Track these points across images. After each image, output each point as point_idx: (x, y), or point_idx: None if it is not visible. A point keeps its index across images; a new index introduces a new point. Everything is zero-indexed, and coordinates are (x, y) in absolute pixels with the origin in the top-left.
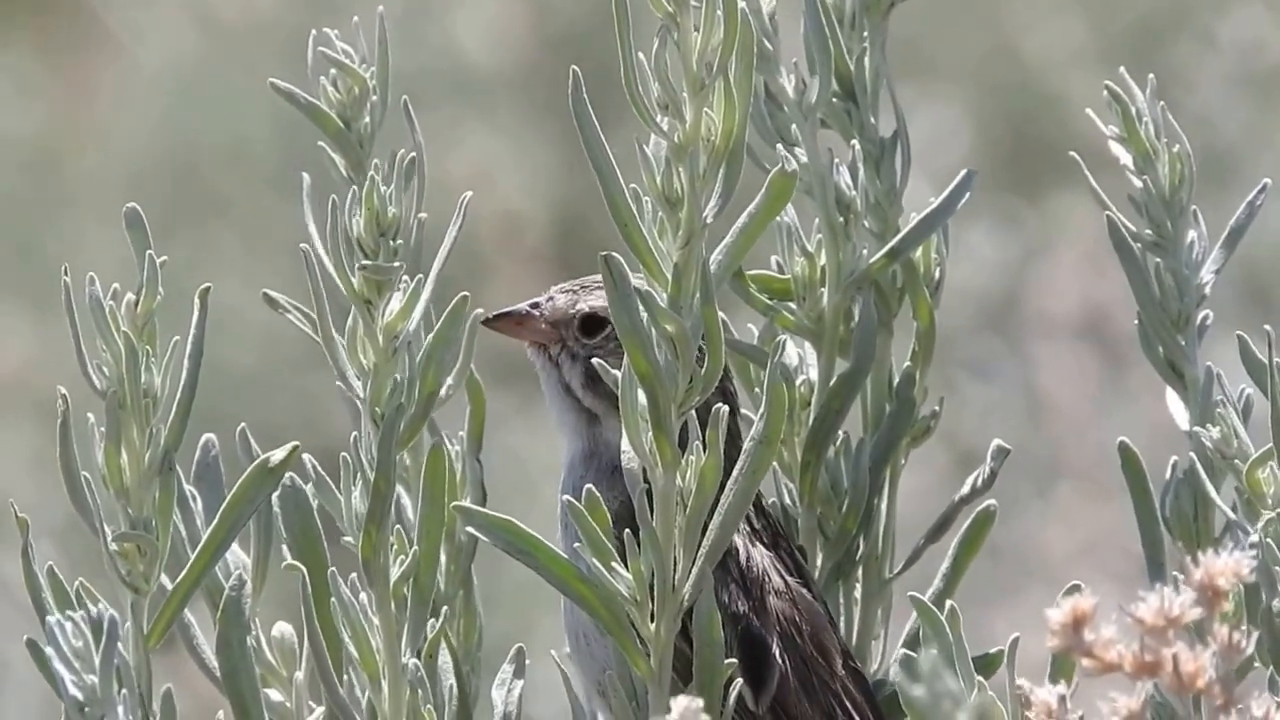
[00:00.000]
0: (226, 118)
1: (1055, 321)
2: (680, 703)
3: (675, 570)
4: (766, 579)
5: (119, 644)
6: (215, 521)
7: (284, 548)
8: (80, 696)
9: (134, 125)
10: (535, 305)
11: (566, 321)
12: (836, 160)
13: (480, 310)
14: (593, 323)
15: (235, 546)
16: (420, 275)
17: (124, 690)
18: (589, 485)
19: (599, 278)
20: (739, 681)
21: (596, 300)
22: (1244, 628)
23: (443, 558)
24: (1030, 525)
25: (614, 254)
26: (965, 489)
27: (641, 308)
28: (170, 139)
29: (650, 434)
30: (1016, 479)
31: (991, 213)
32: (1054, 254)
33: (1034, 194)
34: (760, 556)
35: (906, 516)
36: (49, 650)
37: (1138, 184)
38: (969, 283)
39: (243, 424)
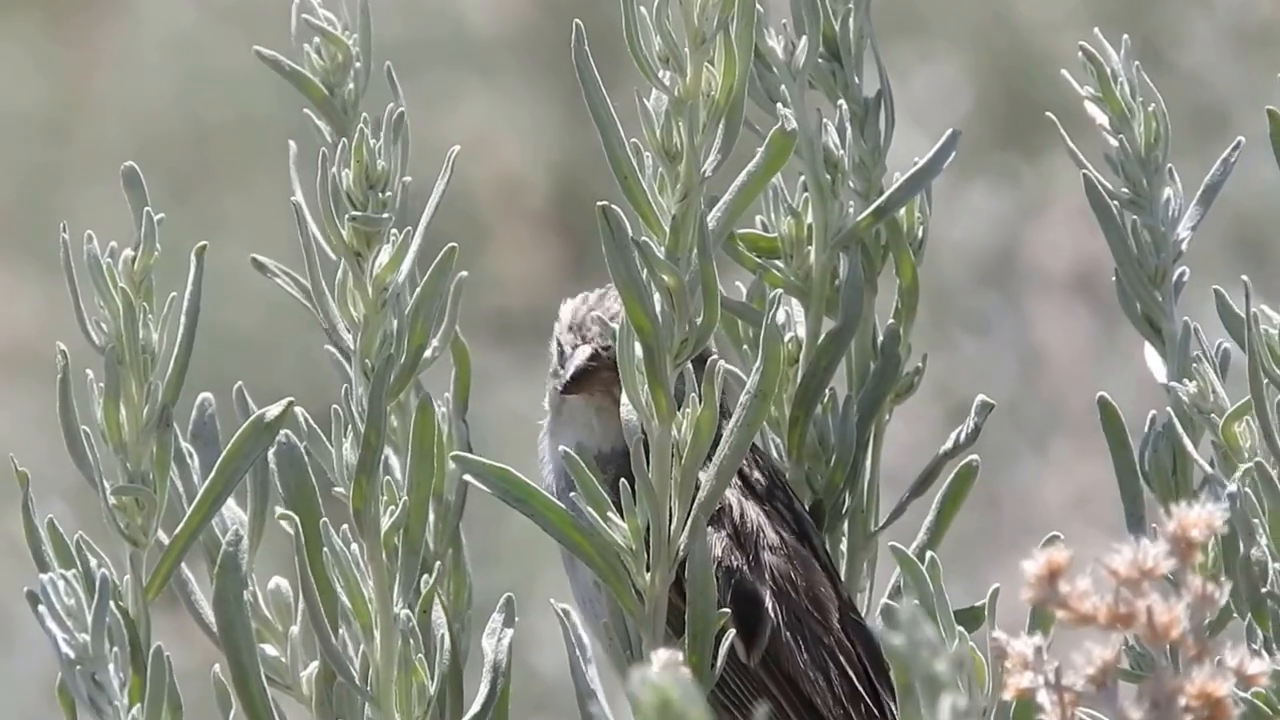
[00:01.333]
0: (233, 86)
1: (1051, 277)
2: (662, 654)
3: (670, 521)
4: (761, 535)
5: (112, 601)
6: (212, 475)
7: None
8: (72, 654)
9: (142, 94)
10: (596, 356)
11: None
12: (825, 120)
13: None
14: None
15: (232, 503)
16: (409, 228)
17: (115, 648)
18: (579, 441)
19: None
20: (731, 632)
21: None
22: (1220, 579)
23: (431, 515)
24: (1026, 479)
25: (612, 205)
26: (949, 444)
27: (639, 260)
28: (178, 107)
29: (646, 386)
30: (1013, 433)
31: (989, 170)
32: (1050, 211)
33: (1031, 152)
34: (755, 513)
35: (901, 469)
36: (42, 608)
37: (1114, 143)
38: (967, 239)
39: (239, 383)
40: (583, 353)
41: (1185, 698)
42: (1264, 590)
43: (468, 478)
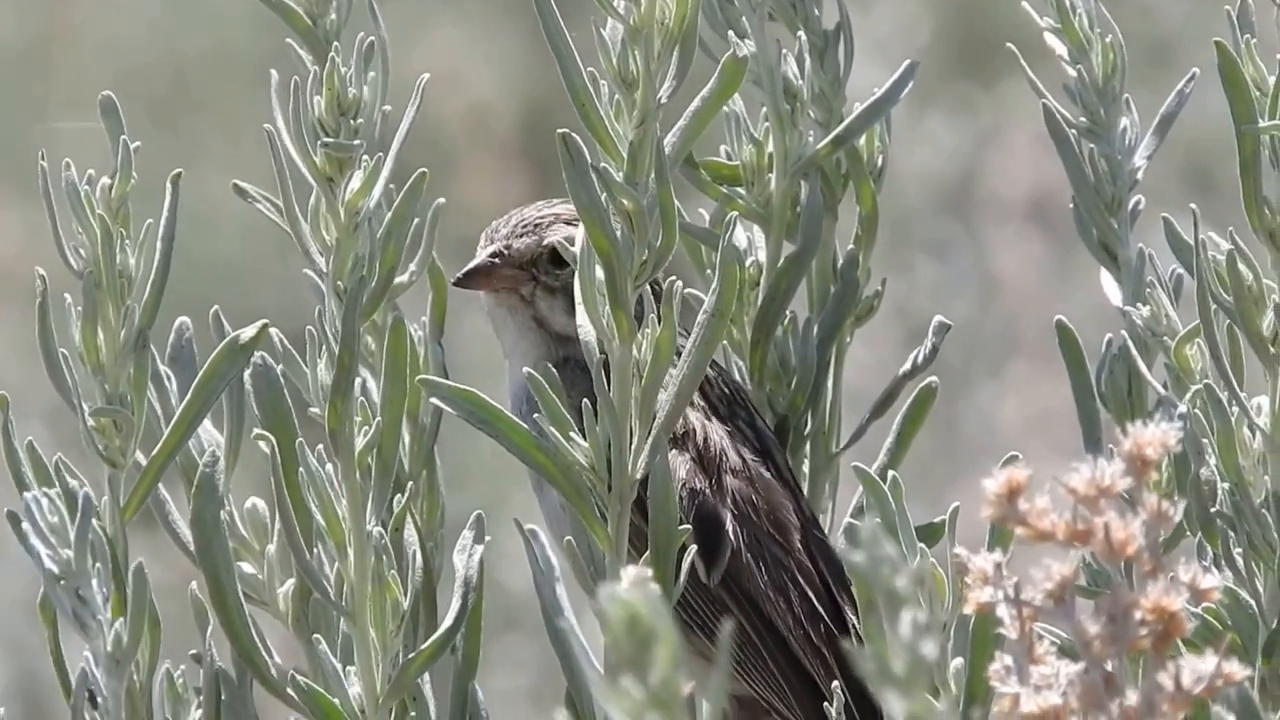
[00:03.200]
0: (208, 17)
1: (1007, 205)
2: (631, 571)
3: (632, 440)
4: (724, 458)
5: (93, 520)
6: (188, 396)
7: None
8: (56, 570)
9: (121, 27)
10: (497, 255)
11: (534, 259)
12: (785, 51)
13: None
14: (560, 255)
15: (208, 424)
16: (380, 154)
17: (98, 564)
18: (544, 365)
19: (547, 212)
20: (693, 549)
21: (562, 232)
22: (1175, 498)
23: (406, 437)
24: (984, 401)
25: (571, 133)
26: (908, 365)
27: (599, 185)
28: (155, 39)
29: (607, 308)
30: (971, 357)
31: (948, 99)
32: (1007, 139)
33: (987, 82)
34: (718, 435)
35: (862, 392)
36: (26, 526)
37: (1072, 74)
38: (926, 167)
39: (215, 306)
40: (484, 252)
41: (1140, 612)
42: (1213, 509)
43: (434, 400)
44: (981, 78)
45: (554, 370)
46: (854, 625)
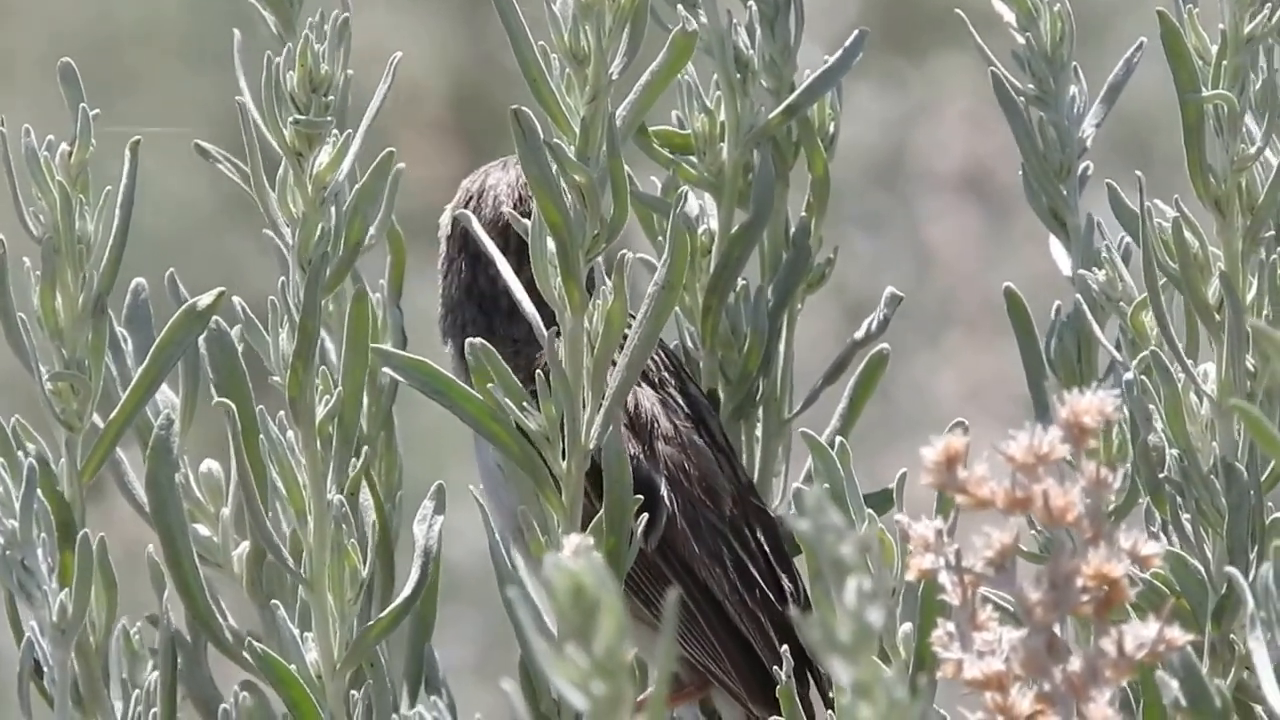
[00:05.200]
0: None
1: (939, 177)
2: (573, 539)
3: (584, 410)
4: (655, 424)
5: (38, 490)
6: (146, 362)
7: (212, 389)
8: (1, 540)
9: (52, 2)
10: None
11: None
12: (735, 21)
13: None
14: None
15: (165, 388)
16: (350, 130)
17: (43, 534)
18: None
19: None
20: (645, 518)
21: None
22: (1125, 464)
23: (365, 399)
24: (920, 372)
25: (523, 108)
26: (860, 333)
27: (551, 160)
28: (83, 15)
29: (559, 280)
30: (906, 328)
31: (877, 73)
32: (937, 112)
33: (916, 56)
34: (649, 402)
35: (801, 363)
36: None
37: (1020, 41)
38: (857, 140)
39: (171, 269)
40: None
41: (1082, 578)
42: (1161, 475)
43: (387, 370)
44: (910, 52)
45: (487, 344)
46: (791, 592)
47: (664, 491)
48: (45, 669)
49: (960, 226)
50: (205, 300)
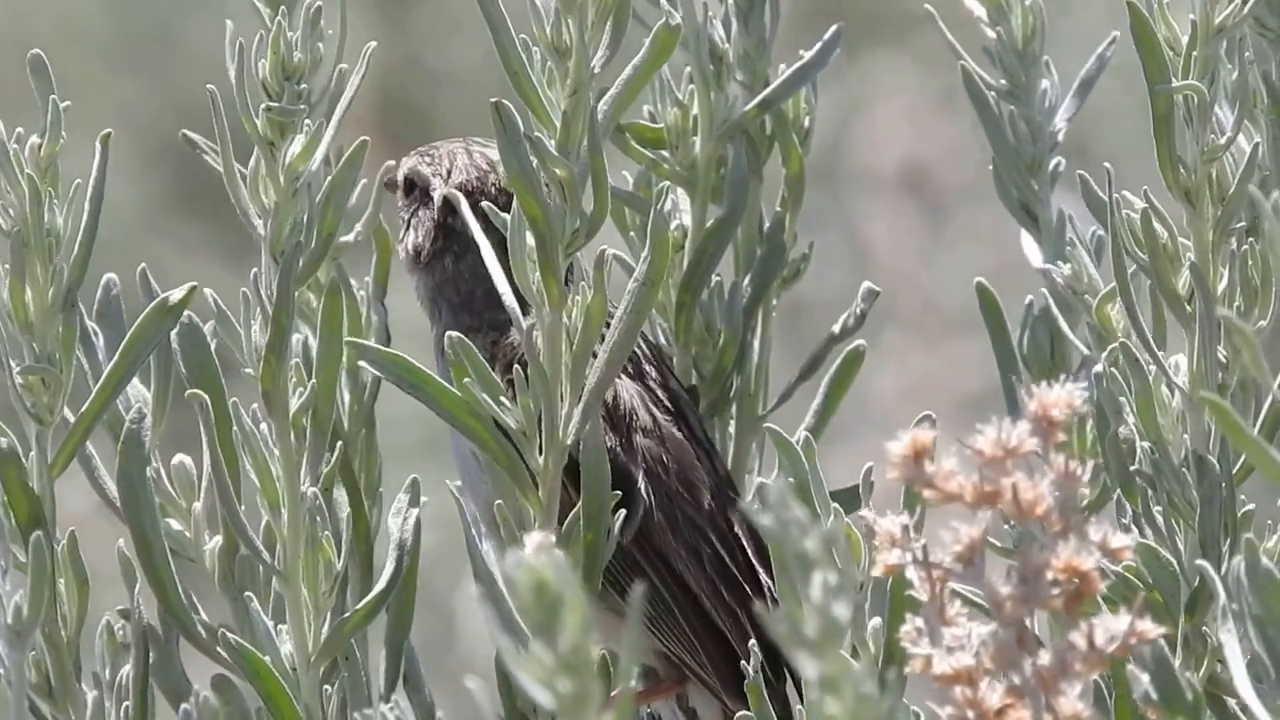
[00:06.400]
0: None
1: (877, 175)
2: (535, 536)
3: (562, 406)
4: (634, 416)
5: None
6: (117, 356)
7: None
8: None
9: None
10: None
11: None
12: (711, 15)
13: (392, 163)
14: (407, 184)
15: (136, 382)
16: (322, 120)
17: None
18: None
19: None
20: (622, 513)
21: (409, 163)
22: (1096, 458)
23: (347, 396)
24: (861, 371)
25: (504, 101)
26: (836, 328)
27: (531, 154)
28: (5, 18)
29: (538, 274)
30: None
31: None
32: (872, 111)
33: (851, 53)
34: (628, 394)
35: None
36: None
37: (991, 35)
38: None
39: (143, 264)
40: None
41: (1052, 572)
42: (1132, 468)
43: (364, 364)
44: (845, 50)
45: (465, 339)
46: (769, 586)
47: (641, 484)
48: (1, 671)
49: (898, 225)
50: (177, 295)
